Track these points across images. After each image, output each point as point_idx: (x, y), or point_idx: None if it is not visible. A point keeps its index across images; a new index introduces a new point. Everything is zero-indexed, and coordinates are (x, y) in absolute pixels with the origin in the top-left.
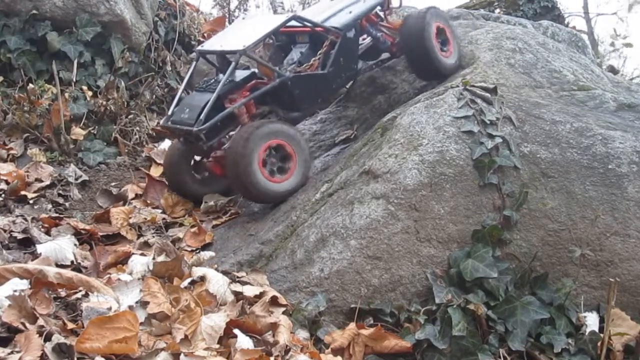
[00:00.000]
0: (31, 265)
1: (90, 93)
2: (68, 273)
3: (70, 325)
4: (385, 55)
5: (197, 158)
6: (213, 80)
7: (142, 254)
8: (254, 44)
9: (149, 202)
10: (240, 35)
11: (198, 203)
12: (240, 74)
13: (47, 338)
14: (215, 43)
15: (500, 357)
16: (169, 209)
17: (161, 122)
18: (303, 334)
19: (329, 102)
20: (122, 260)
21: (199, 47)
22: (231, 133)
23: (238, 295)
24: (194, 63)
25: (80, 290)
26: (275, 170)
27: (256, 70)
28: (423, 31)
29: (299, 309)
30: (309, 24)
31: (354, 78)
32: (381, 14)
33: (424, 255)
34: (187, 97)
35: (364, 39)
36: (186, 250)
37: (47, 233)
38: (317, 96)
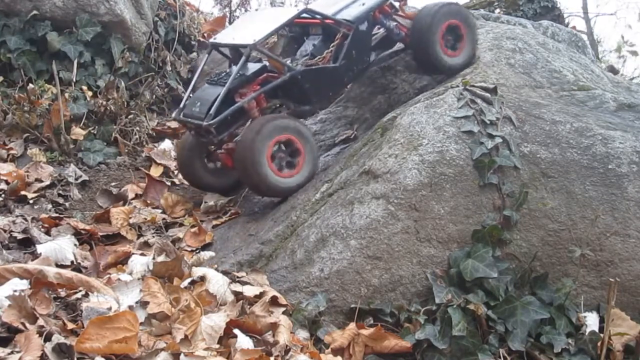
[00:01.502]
0: (31, 265)
1: (90, 93)
2: (68, 273)
3: (70, 325)
4: (400, 45)
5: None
6: (225, 73)
7: (142, 254)
8: (264, 38)
9: (149, 202)
10: (251, 28)
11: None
12: (252, 67)
13: (47, 338)
14: (227, 35)
15: (500, 357)
16: (169, 209)
17: (173, 114)
18: (303, 334)
19: (340, 95)
20: (122, 260)
21: (211, 40)
22: (241, 128)
23: (238, 295)
24: (206, 55)
25: (80, 290)
26: (283, 165)
27: (267, 64)
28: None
29: (299, 309)
30: (320, 17)
31: (366, 70)
32: (396, 4)
33: (424, 255)
34: (198, 90)
35: (378, 29)
36: (186, 250)
37: (47, 233)
38: (328, 90)
